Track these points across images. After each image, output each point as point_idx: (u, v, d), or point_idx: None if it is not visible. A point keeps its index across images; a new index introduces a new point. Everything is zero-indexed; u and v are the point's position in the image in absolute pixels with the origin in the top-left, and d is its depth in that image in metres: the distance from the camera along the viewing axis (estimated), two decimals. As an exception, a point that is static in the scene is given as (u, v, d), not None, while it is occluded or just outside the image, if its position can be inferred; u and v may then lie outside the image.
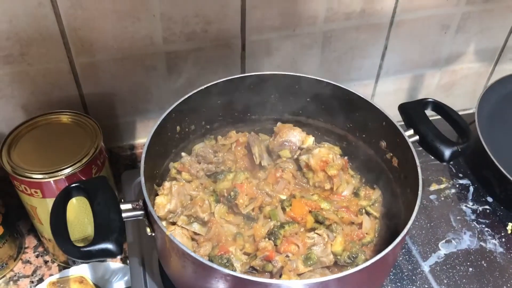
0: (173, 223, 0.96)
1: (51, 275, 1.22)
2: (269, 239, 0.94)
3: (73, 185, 0.84)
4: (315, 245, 0.94)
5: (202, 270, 0.76)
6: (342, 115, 1.10)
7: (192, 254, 0.75)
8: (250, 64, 1.26)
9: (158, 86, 1.26)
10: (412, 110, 1.03)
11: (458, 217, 1.17)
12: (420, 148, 0.99)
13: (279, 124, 1.14)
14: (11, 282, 1.23)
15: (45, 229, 1.16)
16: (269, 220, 0.99)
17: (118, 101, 1.28)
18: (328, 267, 0.95)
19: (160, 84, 1.26)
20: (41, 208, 1.09)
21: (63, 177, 1.03)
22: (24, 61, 1.11)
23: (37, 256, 1.28)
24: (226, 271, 0.73)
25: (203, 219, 0.94)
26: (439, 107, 1.04)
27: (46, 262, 1.27)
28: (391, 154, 1.02)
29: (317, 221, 0.98)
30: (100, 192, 0.84)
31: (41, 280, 1.23)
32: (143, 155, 0.88)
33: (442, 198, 1.22)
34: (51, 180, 1.03)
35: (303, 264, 0.92)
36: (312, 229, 0.97)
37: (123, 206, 0.83)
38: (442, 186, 1.24)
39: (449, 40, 1.43)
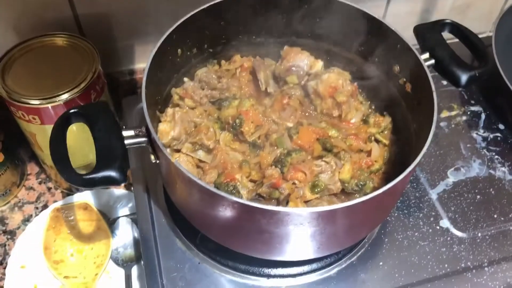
0: (178, 151, 0.93)
1: (55, 201, 1.22)
2: (275, 166, 0.91)
3: (72, 110, 0.80)
4: (322, 173, 0.92)
5: (209, 197, 0.74)
6: (354, 37, 1.03)
7: (199, 181, 0.72)
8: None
9: (157, 7, 1.18)
10: (428, 32, 0.97)
11: (468, 145, 1.14)
12: (434, 74, 0.94)
13: (286, 47, 1.08)
14: (16, 208, 1.22)
15: (46, 156, 1.13)
16: (276, 148, 0.97)
17: (115, 23, 1.21)
18: (335, 194, 0.93)
19: (159, 6, 1.18)
20: (40, 135, 1.06)
21: (61, 102, 0.99)
22: (12, -24, 1.03)
23: (40, 183, 1.27)
24: (234, 198, 0.71)
25: (208, 146, 0.91)
26: (456, 28, 0.97)
27: (49, 188, 1.26)
28: (404, 80, 0.97)
29: (325, 149, 0.96)
30: (101, 117, 0.80)
31: (45, 206, 1.22)
32: (144, 80, 0.83)
33: (453, 126, 1.18)
34: (49, 106, 0.99)
35: (310, 191, 0.91)
36: (320, 157, 0.95)
37: (125, 133, 0.80)
38: (453, 113, 1.20)
39: (468, -44, 1.34)
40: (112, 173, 0.74)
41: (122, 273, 1.10)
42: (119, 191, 1.21)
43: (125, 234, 1.15)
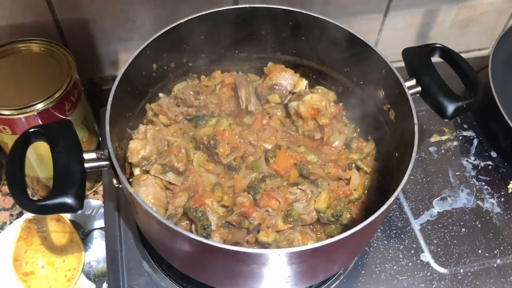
0: (147, 172, 0.90)
1: (30, 209, 1.18)
2: (248, 193, 0.87)
3: (32, 130, 0.77)
4: (297, 201, 0.88)
5: (167, 231, 0.70)
6: (340, 57, 0.99)
7: (156, 215, 0.69)
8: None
9: (140, 14, 1.14)
10: (417, 57, 0.92)
11: (457, 173, 1.09)
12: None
13: (269, 64, 1.03)
14: (-9, 214, 1.20)
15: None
16: (251, 171, 0.93)
17: (97, 29, 1.17)
18: (309, 224, 0.89)
19: (142, 13, 1.14)
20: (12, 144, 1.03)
21: (35, 113, 0.96)
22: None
23: (17, 189, 1.24)
24: (191, 235, 0.67)
25: (178, 169, 0.87)
26: (447, 54, 0.92)
27: (26, 195, 1.23)
28: (389, 106, 0.92)
29: (301, 175, 0.91)
30: (62, 138, 0.76)
31: (20, 213, 1.19)
32: (110, 100, 0.79)
33: (443, 151, 1.13)
34: (22, 116, 0.95)
35: (283, 220, 0.87)
36: (296, 184, 0.90)
37: (86, 155, 0.76)
38: (444, 137, 1.15)
39: (471, -30, 1.28)
40: (68, 200, 0.70)
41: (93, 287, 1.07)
42: (95, 201, 1.18)
43: (98, 248, 1.12)
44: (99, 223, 1.16)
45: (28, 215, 1.15)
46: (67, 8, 1.10)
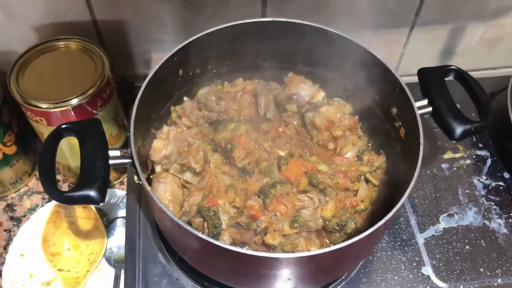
0: (167, 170, 0.96)
1: (60, 194, 1.27)
2: (258, 197, 0.93)
3: (64, 126, 0.84)
4: (304, 208, 0.93)
5: (178, 229, 0.77)
6: (358, 72, 1.02)
7: (169, 213, 0.75)
8: (272, 4, 1.18)
9: (173, 17, 1.20)
10: (431, 78, 0.94)
11: (467, 191, 1.11)
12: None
13: (290, 74, 1.08)
14: (25, 197, 1.29)
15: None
16: (264, 176, 0.98)
17: (132, 30, 1.24)
18: (314, 230, 0.94)
19: (176, 16, 1.20)
20: (47, 134, 1.11)
21: (69, 107, 1.03)
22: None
23: (50, 174, 1.33)
24: (199, 235, 0.73)
25: (195, 169, 0.94)
26: (461, 76, 0.95)
27: (57, 180, 1.32)
28: (400, 123, 0.96)
29: (311, 184, 0.96)
30: (90, 135, 0.84)
31: (51, 197, 1.29)
32: (136, 103, 0.86)
33: (455, 168, 1.16)
34: (57, 110, 1.03)
35: (290, 225, 0.92)
36: (304, 192, 0.95)
37: (111, 153, 0.83)
38: (458, 155, 1.17)
39: (501, -12, 1.28)
40: (91, 193, 0.77)
41: (112, 272, 1.15)
42: (121, 191, 1.26)
43: (120, 235, 1.20)
44: (123, 212, 1.24)
45: (58, 200, 1.24)
46: (104, 9, 1.17)
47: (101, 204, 0.79)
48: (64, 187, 1.31)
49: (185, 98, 1.04)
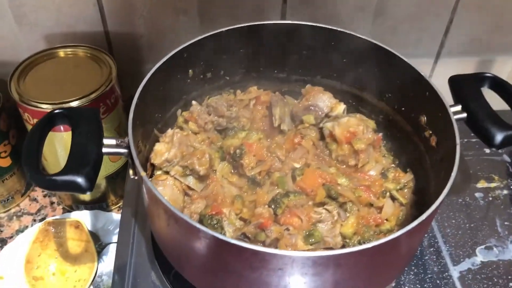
0: (168, 173, 0.86)
1: (53, 216, 1.17)
2: (269, 206, 0.82)
3: (57, 111, 0.76)
4: (321, 222, 0.81)
5: (174, 222, 0.65)
6: (382, 82, 0.95)
7: (164, 201, 0.64)
8: (290, 14, 1.13)
9: (188, 32, 1.16)
10: (464, 84, 0.86)
11: (506, 222, 0.98)
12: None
13: (308, 86, 1.00)
14: (15, 217, 1.19)
15: (49, 166, 1.10)
16: (276, 187, 0.87)
17: (144, 44, 1.20)
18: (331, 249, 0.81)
19: (191, 31, 1.16)
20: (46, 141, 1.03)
21: (68, 111, 0.96)
22: (49, -16, 1.05)
23: (44, 196, 1.23)
24: (205, 229, 0.61)
25: (199, 172, 0.83)
26: (498, 84, 0.86)
27: (52, 203, 1.22)
28: (430, 132, 0.86)
29: (329, 196, 0.85)
30: (85, 122, 0.75)
31: (43, 219, 1.18)
32: (139, 89, 0.79)
33: (490, 198, 1.03)
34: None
35: (304, 241, 0.79)
36: (322, 204, 0.84)
37: (106, 141, 0.74)
38: (493, 185, 1.05)
39: (530, 21, 1.22)
40: (78, 179, 0.68)
41: (100, 303, 1.02)
42: (118, 215, 1.15)
43: (113, 262, 1.07)
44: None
45: (48, 218, 1.13)
46: (118, 20, 1.14)
47: (88, 193, 0.69)
48: (58, 209, 1.20)
49: (193, 102, 0.95)
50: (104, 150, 0.73)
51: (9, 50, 1.16)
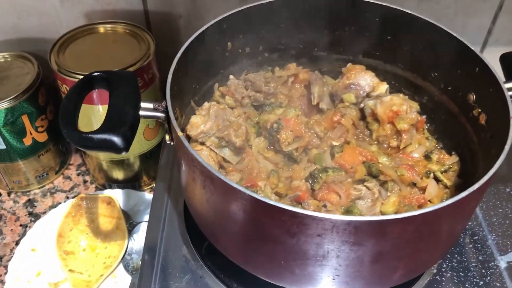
0: (203, 143, 0.84)
1: (86, 194, 1.17)
2: (306, 181, 0.79)
3: (95, 73, 0.75)
4: (361, 199, 0.77)
5: (211, 183, 0.63)
6: (428, 60, 0.90)
7: (201, 160, 0.62)
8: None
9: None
10: (518, 61, 0.81)
11: (558, 213, 0.92)
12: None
13: (349, 64, 0.97)
14: (48, 194, 1.20)
15: (85, 142, 1.10)
16: (313, 164, 0.84)
17: (183, 25, 1.19)
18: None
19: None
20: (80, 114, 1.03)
21: (106, 84, 0.96)
22: (90, -41, 1.06)
23: (78, 174, 1.24)
24: (246, 191, 0.58)
25: (235, 144, 0.81)
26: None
27: (85, 181, 1.22)
28: (479, 110, 0.81)
29: (369, 174, 0.81)
30: (123, 85, 0.74)
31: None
32: (178, 55, 0.77)
33: (540, 188, 0.97)
34: (92, 84, 0.96)
35: (342, 217, 0.76)
36: (361, 182, 0.80)
37: (143, 104, 0.73)
38: (543, 175, 0.99)
39: None
40: (114, 138, 0.66)
41: (129, 281, 1.00)
42: (150, 195, 1.14)
43: (143, 240, 1.06)
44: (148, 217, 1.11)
45: (82, 194, 1.13)
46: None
47: (124, 153, 0.68)
48: (91, 188, 1.20)
49: (230, 76, 0.93)
50: (141, 113, 0.72)
51: (50, 27, 1.17)
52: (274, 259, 0.67)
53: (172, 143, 0.75)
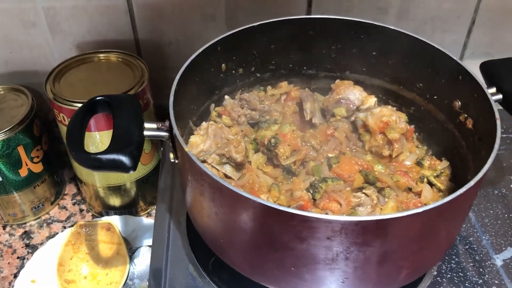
0: (204, 161, 0.86)
1: (83, 222, 1.17)
2: (307, 191, 0.81)
3: (98, 98, 0.77)
4: (361, 206, 0.80)
5: (220, 194, 0.65)
6: (412, 72, 0.95)
7: (209, 172, 0.64)
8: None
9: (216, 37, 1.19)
10: (497, 68, 0.87)
11: (545, 211, 0.97)
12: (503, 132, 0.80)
13: (337, 81, 1.01)
14: (45, 224, 1.19)
15: (82, 170, 1.11)
16: (312, 176, 0.87)
17: (173, 52, 1.23)
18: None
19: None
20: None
21: (103, 111, 0.98)
22: (82, -7, 1.09)
23: (74, 204, 1.24)
24: (257, 199, 0.60)
25: (236, 159, 0.83)
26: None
27: (81, 210, 1.22)
28: (465, 115, 0.86)
29: (367, 182, 0.84)
30: (125, 107, 0.76)
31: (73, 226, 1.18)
32: (178, 75, 0.80)
33: (528, 189, 1.02)
34: (90, 112, 0.98)
35: (344, 225, 0.78)
36: (360, 189, 0.83)
37: (147, 125, 0.75)
38: (530, 175, 1.04)
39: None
40: (122, 158, 0.68)
41: (132, 306, 1.00)
42: (147, 220, 1.15)
43: (144, 265, 1.06)
44: (148, 241, 1.11)
45: (81, 221, 1.13)
46: (149, 27, 1.17)
47: (131, 172, 0.69)
48: (88, 216, 1.21)
49: (226, 97, 0.97)
50: (146, 133, 0.74)
51: (43, 59, 1.19)
52: (283, 266, 0.69)
53: (176, 161, 0.77)
